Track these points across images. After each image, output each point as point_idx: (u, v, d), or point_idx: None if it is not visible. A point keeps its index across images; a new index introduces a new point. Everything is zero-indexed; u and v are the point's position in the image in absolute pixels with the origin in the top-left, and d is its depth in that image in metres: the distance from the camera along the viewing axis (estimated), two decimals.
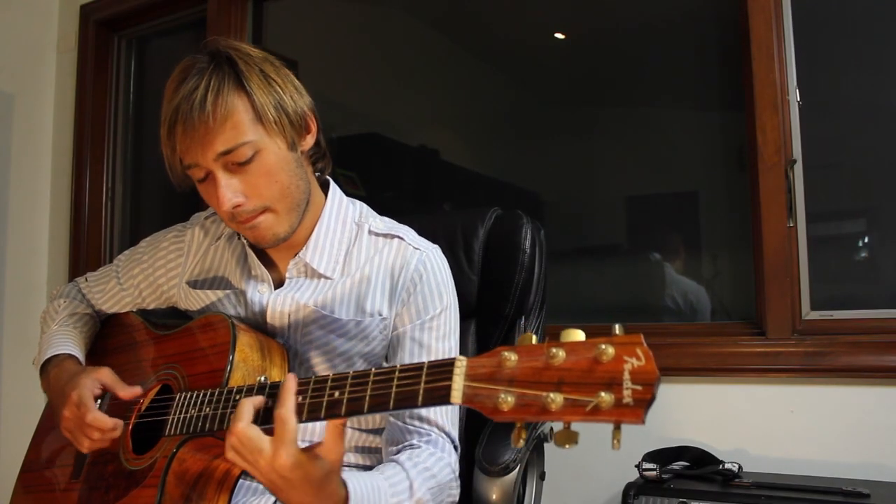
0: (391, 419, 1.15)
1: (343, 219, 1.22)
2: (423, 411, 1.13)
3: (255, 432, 0.88)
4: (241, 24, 2.68)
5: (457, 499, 1.16)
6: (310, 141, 1.15)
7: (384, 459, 1.15)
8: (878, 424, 1.59)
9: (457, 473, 1.14)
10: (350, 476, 0.97)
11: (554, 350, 0.70)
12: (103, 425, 1.08)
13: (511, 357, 0.72)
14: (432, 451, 1.11)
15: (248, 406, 0.90)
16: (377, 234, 1.21)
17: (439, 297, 1.17)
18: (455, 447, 1.16)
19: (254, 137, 1.06)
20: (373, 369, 0.85)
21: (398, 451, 1.12)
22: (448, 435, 1.15)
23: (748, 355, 1.73)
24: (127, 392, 1.14)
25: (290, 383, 0.89)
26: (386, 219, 1.27)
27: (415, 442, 1.12)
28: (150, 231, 1.39)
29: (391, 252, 1.19)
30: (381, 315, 1.16)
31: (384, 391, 0.83)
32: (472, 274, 1.46)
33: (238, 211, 1.08)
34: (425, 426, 1.13)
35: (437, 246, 1.23)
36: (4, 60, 2.78)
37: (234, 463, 0.91)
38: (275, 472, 0.87)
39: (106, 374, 1.16)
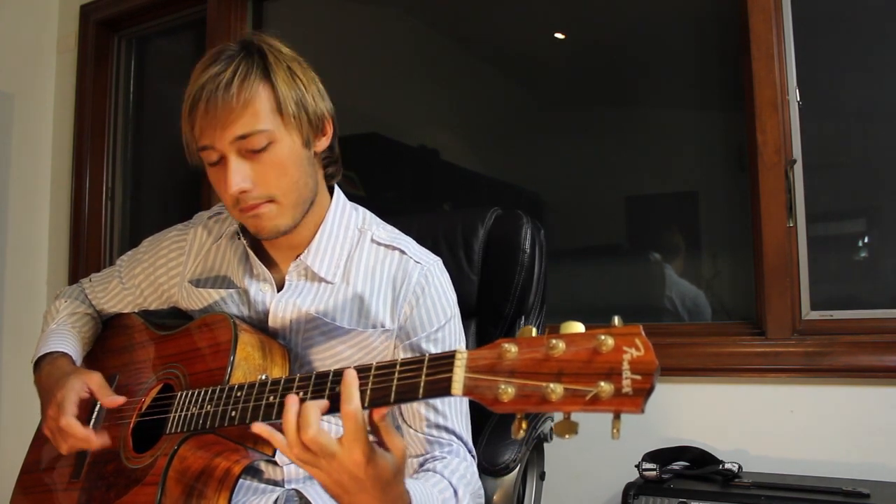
0: (411, 430, 1.14)
1: (346, 224, 1.22)
2: (442, 420, 1.13)
3: (326, 438, 0.84)
4: (241, 24, 2.68)
5: None
6: (324, 143, 1.17)
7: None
8: (878, 424, 1.59)
9: (480, 482, 1.16)
10: (408, 481, 0.95)
11: (554, 341, 0.70)
12: (74, 433, 1.08)
13: (511, 349, 0.73)
14: (459, 460, 1.12)
15: (315, 412, 0.85)
16: (379, 244, 1.21)
17: (442, 311, 1.17)
18: (473, 457, 1.17)
19: (271, 127, 1.07)
20: (374, 363, 0.86)
21: (423, 463, 1.12)
22: (466, 445, 1.15)
23: (748, 355, 1.73)
24: (110, 400, 1.12)
25: (351, 377, 0.85)
26: (388, 227, 1.26)
27: (437, 454, 1.12)
28: (150, 231, 1.39)
29: (393, 264, 1.19)
30: (383, 327, 1.16)
31: (385, 384, 0.83)
32: (472, 274, 1.46)
33: (243, 197, 1.09)
34: (445, 436, 1.13)
35: (438, 258, 1.23)
36: (4, 60, 2.78)
37: (301, 465, 0.88)
38: (346, 473, 0.84)
39: (95, 379, 1.15)
